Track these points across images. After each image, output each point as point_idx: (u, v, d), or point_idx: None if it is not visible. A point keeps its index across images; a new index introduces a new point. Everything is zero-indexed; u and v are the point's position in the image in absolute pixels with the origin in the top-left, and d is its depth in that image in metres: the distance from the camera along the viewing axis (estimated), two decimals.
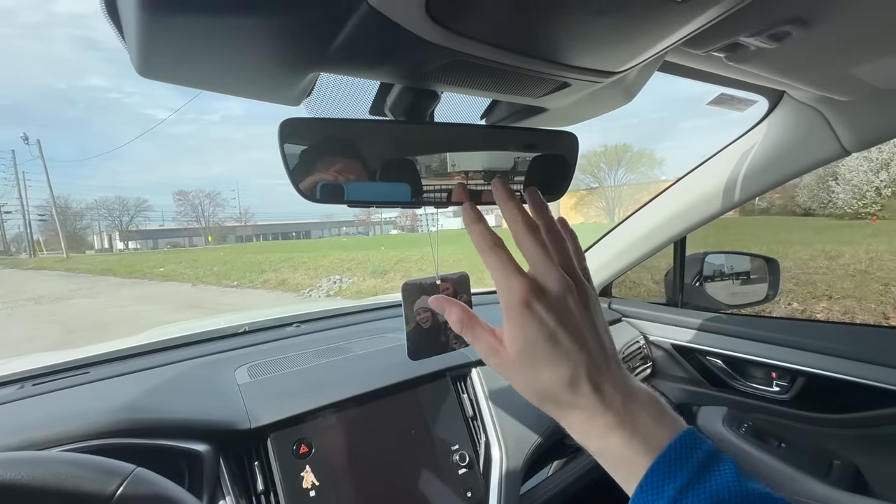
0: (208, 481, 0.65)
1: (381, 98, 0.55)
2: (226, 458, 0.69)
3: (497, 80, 0.47)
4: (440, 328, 0.59)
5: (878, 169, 12.47)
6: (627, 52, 0.42)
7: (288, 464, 0.71)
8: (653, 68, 0.58)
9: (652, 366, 1.35)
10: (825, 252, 7.33)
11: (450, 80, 0.46)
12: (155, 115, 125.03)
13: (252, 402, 0.76)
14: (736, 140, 1.03)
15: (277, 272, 13.87)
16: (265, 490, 0.70)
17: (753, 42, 0.48)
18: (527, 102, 0.56)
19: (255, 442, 0.72)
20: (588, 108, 0.63)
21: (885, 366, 0.93)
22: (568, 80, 0.46)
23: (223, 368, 0.90)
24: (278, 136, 0.46)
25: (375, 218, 61.72)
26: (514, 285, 0.35)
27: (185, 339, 1.05)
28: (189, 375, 0.87)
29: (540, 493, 0.98)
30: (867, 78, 0.63)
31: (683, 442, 0.32)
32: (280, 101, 0.49)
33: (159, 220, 62.14)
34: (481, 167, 0.56)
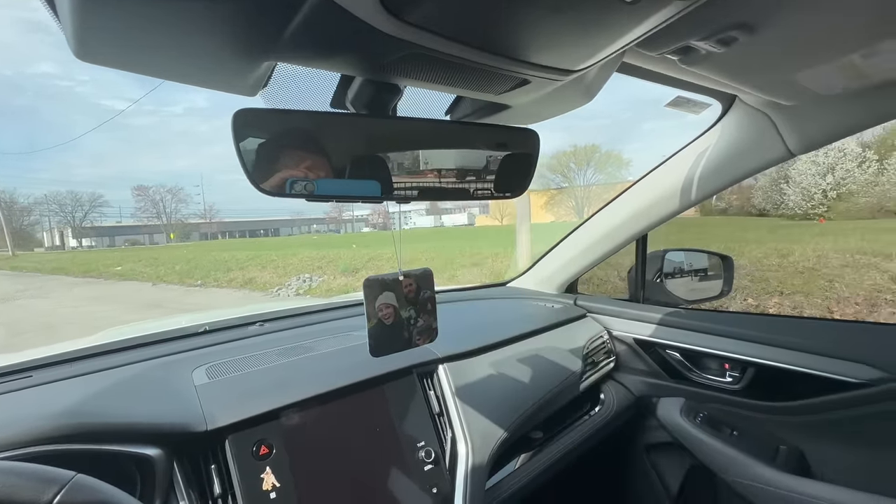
0: (160, 487, 0.62)
1: (342, 91, 0.54)
2: (180, 462, 0.66)
3: (457, 75, 0.47)
4: (403, 324, 0.59)
5: (824, 173, 13.30)
6: (584, 50, 0.43)
7: (247, 466, 0.69)
8: (611, 69, 0.60)
9: (615, 360, 1.39)
10: (777, 250, 7.75)
11: (410, 73, 0.45)
12: (111, 105, 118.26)
13: (209, 404, 0.73)
14: (692, 142, 1.07)
15: (244, 271, 13.46)
16: (223, 494, 0.67)
17: (703, 46, 0.50)
18: (489, 99, 0.57)
19: (211, 444, 0.70)
20: (550, 107, 0.64)
21: (827, 356, 1.00)
22: (528, 77, 0.47)
23: (179, 369, 0.86)
24: (232, 127, 0.45)
25: (347, 216, 60.87)
26: None
27: (139, 339, 1.00)
28: (141, 377, 0.83)
29: (505, 486, 1.00)
30: (809, 84, 0.66)
31: None
32: (235, 90, 0.48)
33: (116, 217, 59.11)
34: (454, 166, 0.56)
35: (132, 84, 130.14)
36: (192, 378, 0.82)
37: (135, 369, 0.86)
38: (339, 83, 0.53)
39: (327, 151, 0.50)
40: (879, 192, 12.80)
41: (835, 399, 0.98)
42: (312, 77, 0.51)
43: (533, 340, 1.21)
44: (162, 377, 0.83)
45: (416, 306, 0.60)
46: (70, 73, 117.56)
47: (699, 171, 1.05)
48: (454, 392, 0.95)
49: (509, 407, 1.01)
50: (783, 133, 0.87)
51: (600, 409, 1.31)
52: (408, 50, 0.38)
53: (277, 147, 0.48)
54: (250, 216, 64.35)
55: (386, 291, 0.58)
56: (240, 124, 0.45)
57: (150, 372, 0.86)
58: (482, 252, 10.82)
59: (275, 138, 0.47)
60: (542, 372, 1.14)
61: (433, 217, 59.45)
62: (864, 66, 0.61)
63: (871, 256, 6.84)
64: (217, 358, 0.92)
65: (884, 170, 12.95)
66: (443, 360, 0.98)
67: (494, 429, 0.96)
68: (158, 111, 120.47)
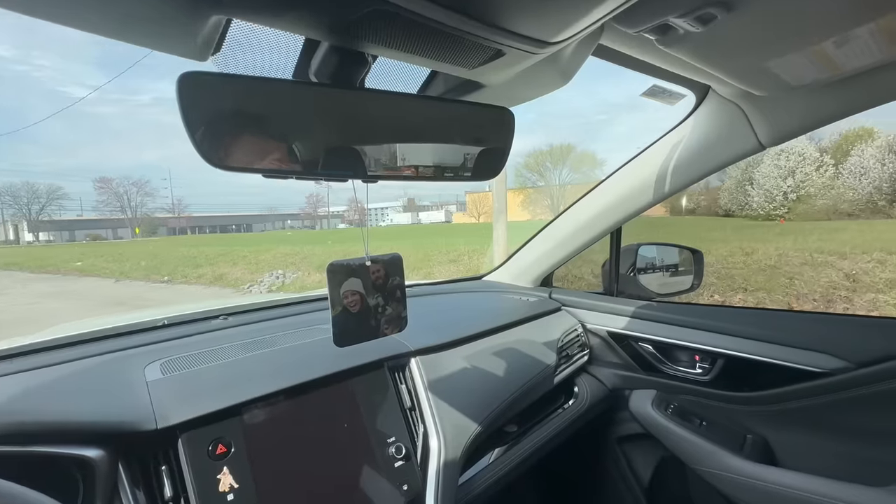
0: (103, 491, 0.57)
1: (304, 60, 0.50)
2: (126, 463, 0.61)
3: (429, 43, 0.44)
4: (370, 312, 0.56)
5: (785, 175, 13.94)
6: (560, 19, 0.41)
7: (202, 466, 0.65)
8: (588, 48, 0.58)
9: (589, 353, 1.39)
10: (742, 249, 8.06)
11: (377, 38, 0.42)
12: (72, 92, 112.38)
13: (161, 400, 0.68)
14: (666, 134, 1.07)
15: (214, 267, 13.04)
16: (174, 496, 0.63)
17: (682, 24, 0.48)
18: (462, 75, 0.54)
19: (162, 444, 0.65)
20: (526, 88, 0.62)
21: (792, 346, 1.02)
22: (502, 48, 0.44)
23: (131, 365, 0.80)
24: (177, 92, 0.40)
25: (322, 211, 59.91)
26: None
27: (90, 335, 0.93)
28: (87, 374, 0.77)
29: (479, 481, 0.98)
30: (781, 73, 0.66)
31: None
32: (181, 52, 0.43)
33: (77, 210, 56.36)
34: (425, 144, 0.53)
35: (95, 71, 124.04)
36: (145, 374, 0.76)
37: (81, 365, 0.80)
38: (301, 50, 0.49)
39: (288, 124, 0.46)
40: (835, 194, 13.51)
41: (798, 388, 1.00)
42: (271, 42, 0.47)
43: (507, 333, 1.20)
44: (110, 373, 0.77)
45: (384, 294, 0.57)
46: (27, 56, 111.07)
47: (672, 163, 1.05)
48: (427, 386, 0.92)
49: (483, 401, 0.99)
50: (754, 125, 0.88)
51: (574, 402, 1.31)
52: (372, 5, 0.35)
53: (231, 117, 0.44)
54: (221, 211, 62.53)
55: (352, 278, 0.54)
56: (187, 89, 0.40)
57: (98, 368, 0.80)
58: (459, 249, 10.83)
59: (228, 107, 0.43)
60: (516, 365, 1.12)
61: (410, 214, 59.25)
62: (835, 55, 0.61)
63: (827, 255, 7.20)
64: (174, 353, 0.86)
65: (839, 174, 13.67)
66: (415, 353, 0.95)
67: (468, 423, 0.93)
68: (124, 100, 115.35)
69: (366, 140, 0.50)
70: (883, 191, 12.63)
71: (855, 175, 13.12)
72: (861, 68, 0.66)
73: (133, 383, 0.73)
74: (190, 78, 0.40)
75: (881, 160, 12.71)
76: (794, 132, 0.86)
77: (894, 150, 12.68)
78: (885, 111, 4.49)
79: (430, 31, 0.41)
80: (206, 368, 0.79)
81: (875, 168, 12.73)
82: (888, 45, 0.60)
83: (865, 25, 0.53)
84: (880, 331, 0.95)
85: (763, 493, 1.00)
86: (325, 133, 0.48)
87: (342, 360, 0.84)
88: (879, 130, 13.68)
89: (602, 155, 44.96)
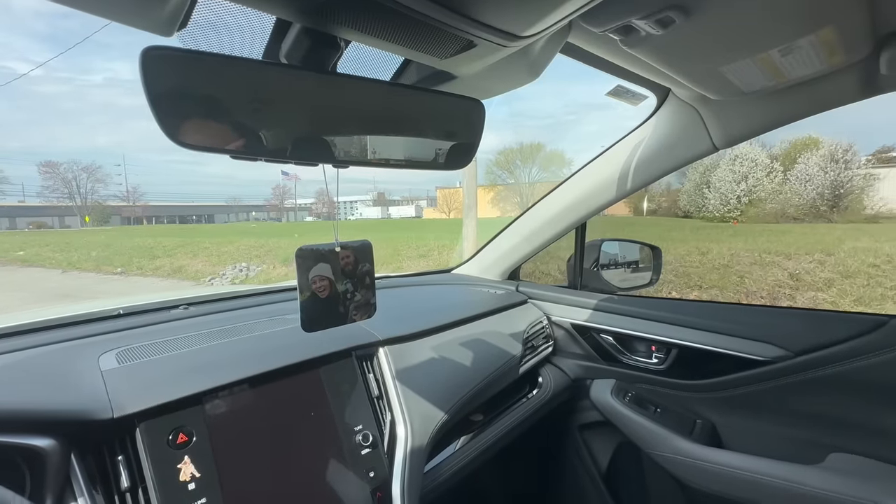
0: (53, 482, 0.55)
1: (275, 42, 0.50)
2: (80, 453, 0.59)
3: (402, 31, 0.44)
4: (339, 298, 0.56)
5: (739, 180, 14.72)
6: (531, 14, 0.42)
7: (161, 456, 0.63)
8: (556, 45, 0.60)
9: (553, 344, 1.44)
10: (698, 248, 8.46)
11: (350, 21, 0.42)
12: (15, 68, 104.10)
13: (117, 390, 0.66)
14: (628, 134, 1.12)
15: (173, 258, 12.47)
16: (132, 487, 0.61)
17: (644, 26, 0.51)
18: (434, 65, 0.55)
19: (119, 433, 0.62)
20: (496, 82, 0.64)
21: (739, 337, 1.09)
22: (473, 39, 0.46)
23: (84, 354, 0.77)
24: (140, 65, 0.39)
25: (289, 204, 58.35)
26: None
27: (36, 324, 0.88)
28: (34, 363, 0.73)
29: (445, 468, 1.00)
30: (733, 78, 0.71)
31: None
32: (144, 25, 0.42)
33: (19, 196, 52.42)
34: (396, 131, 0.53)
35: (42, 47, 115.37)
36: (99, 363, 0.73)
37: (26, 354, 0.76)
38: (272, 31, 0.48)
39: (256, 105, 0.46)
40: (783, 199, 14.39)
41: (743, 376, 1.08)
42: (240, 21, 0.47)
43: (475, 325, 1.22)
44: (61, 362, 0.74)
45: (353, 280, 0.57)
46: None
47: (634, 162, 1.10)
48: (394, 375, 0.93)
49: (450, 390, 1.01)
50: (709, 127, 0.93)
51: (538, 391, 1.35)
52: None
53: (197, 94, 0.43)
54: (181, 200, 59.80)
55: (321, 263, 0.54)
56: (151, 63, 0.39)
57: (48, 357, 0.76)
58: (429, 244, 10.83)
59: (194, 84, 0.42)
60: (483, 355, 1.15)
61: (380, 208, 58.59)
62: (780, 64, 0.66)
63: (774, 255, 7.68)
64: (131, 342, 0.83)
65: (787, 180, 14.57)
66: (383, 343, 0.95)
67: (435, 411, 0.95)
68: (73, 79, 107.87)
69: (337, 124, 0.50)
70: (825, 197, 13.57)
71: (801, 181, 14.02)
72: (804, 77, 0.72)
73: (86, 372, 0.70)
74: (154, 52, 0.39)
75: (824, 168, 13.64)
76: (745, 135, 0.92)
77: (835, 160, 13.63)
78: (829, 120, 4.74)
79: (404, 18, 0.41)
80: (165, 357, 0.77)
81: (818, 176, 13.64)
82: (827, 57, 0.65)
83: (806, 37, 0.58)
84: (816, 321, 1.03)
85: (711, 473, 1.07)
86: (295, 116, 0.47)
87: (309, 349, 0.84)
88: (823, 140, 14.66)
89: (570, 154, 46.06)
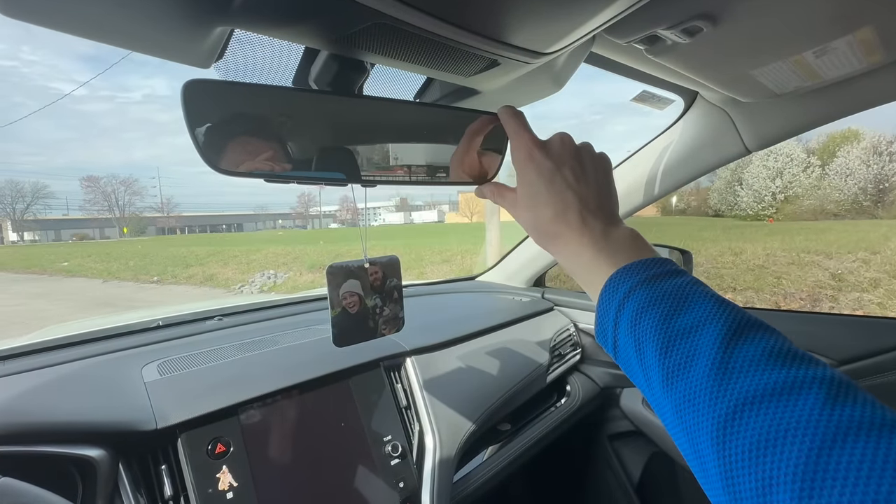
0: (104, 490, 0.58)
1: (304, 67, 0.52)
2: (127, 462, 0.62)
3: (426, 53, 0.45)
4: (368, 313, 0.57)
5: (774, 176, 14.15)
6: (554, 32, 0.42)
7: (201, 465, 0.65)
8: (580, 57, 0.60)
9: (581, 352, 1.42)
10: (731, 249, 8.17)
11: (376, 48, 0.43)
12: (62, 89, 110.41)
13: (160, 401, 0.69)
14: (656, 138, 1.10)
15: (204, 267, 12.92)
16: (174, 496, 0.63)
17: (669, 35, 0.50)
18: (458, 82, 0.55)
19: (161, 443, 0.65)
20: (520, 94, 0.64)
21: None
22: (497, 59, 0.46)
23: (128, 366, 0.81)
24: (182, 99, 0.41)
25: (314, 211, 59.57)
26: (523, 139, 0.41)
27: (83, 336, 0.93)
28: (83, 375, 0.77)
29: (473, 479, 0.99)
30: (764, 81, 0.69)
31: (648, 261, 0.34)
32: (186, 60, 0.44)
33: (63, 209, 55.48)
34: (424, 161, 0.54)
35: (85, 67, 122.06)
36: (142, 374, 0.77)
37: (76, 366, 0.80)
38: (301, 58, 0.50)
39: (288, 130, 0.47)
40: (821, 195, 13.75)
41: None
42: (273, 50, 0.48)
43: (501, 333, 1.21)
44: (107, 374, 0.78)
45: (381, 295, 0.58)
46: (14, 51, 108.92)
47: (662, 166, 1.08)
48: (422, 385, 0.94)
49: (477, 399, 1.01)
50: (740, 130, 0.90)
51: (566, 400, 1.33)
52: (374, 20, 0.36)
53: (234, 122, 0.45)
54: (211, 210, 61.96)
55: (350, 279, 0.56)
56: (191, 96, 0.41)
57: (94, 369, 0.80)
58: (452, 249, 10.86)
59: (231, 112, 0.44)
60: (509, 364, 1.14)
61: (403, 214, 59.08)
62: (815, 65, 0.64)
63: (813, 255, 7.33)
64: (170, 354, 0.87)
65: (825, 174, 13.91)
66: (410, 353, 0.96)
67: (462, 421, 0.95)
68: (114, 97, 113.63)
69: (364, 145, 0.51)
70: (867, 191, 12.89)
71: (840, 176, 13.36)
72: (840, 77, 0.69)
73: (131, 384, 0.73)
74: (194, 86, 0.41)
75: (866, 161, 12.96)
76: (779, 137, 0.89)
77: (878, 152, 12.93)
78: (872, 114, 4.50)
79: (428, 42, 0.42)
80: (203, 369, 0.80)
81: (860, 169, 12.98)
82: (865, 56, 0.62)
83: (843, 38, 0.56)
84: (861, 328, 0.98)
85: None
86: (324, 139, 0.49)
87: (339, 360, 0.85)
88: (864, 132, 13.94)
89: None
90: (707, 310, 0.29)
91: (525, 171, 0.41)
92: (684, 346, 0.28)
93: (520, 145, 0.41)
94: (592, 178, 0.41)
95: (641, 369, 0.31)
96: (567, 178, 0.39)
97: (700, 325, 0.29)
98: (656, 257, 0.35)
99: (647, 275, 0.33)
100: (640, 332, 0.31)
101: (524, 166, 0.41)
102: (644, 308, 0.31)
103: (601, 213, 0.39)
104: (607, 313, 0.34)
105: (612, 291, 0.34)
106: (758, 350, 0.27)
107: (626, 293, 0.33)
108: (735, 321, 0.28)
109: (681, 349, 0.28)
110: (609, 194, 0.42)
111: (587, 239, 0.37)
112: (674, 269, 0.34)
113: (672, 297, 0.31)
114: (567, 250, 0.39)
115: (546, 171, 0.39)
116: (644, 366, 0.30)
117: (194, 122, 0.42)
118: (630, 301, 0.32)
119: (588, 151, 0.43)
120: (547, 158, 0.40)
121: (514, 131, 0.43)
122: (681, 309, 0.30)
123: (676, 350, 0.28)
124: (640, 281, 0.33)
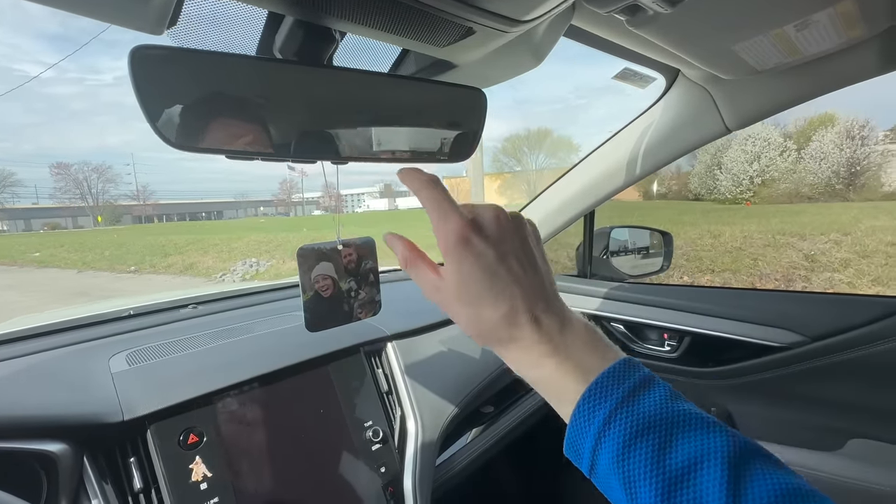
0: (67, 485, 0.55)
1: (268, 35, 0.48)
2: (92, 456, 0.59)
3: (397, 19, 0.42)
4: (342, 297, 0.55)
5: (751, 160, 14.41)
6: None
7: (173, 456, 0.63)
8: (560, 29, 0.58)
9: None
10: (710, 231, 8.34)
11: (343, 12, 0.41)
12: (28, 71, 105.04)
13: (127, 392, 0.66)
14: (637, 118, 1.09)
15: (184, 255, 12.64)
16: (144, 488, 0.61)
17: (651, 4, 0.48)
18: (433, 54, 0.53)
19: (130, 435, 0.63)
20: (498, 69, 0.61)
21: (753, 323, 1.07)
22: (472, 26, 0.44)
23: (95, 357, 0.77)
24: (129, 66, 0.38)
25: (296, 198, 58.62)
26: (452, 222, 0.34)
27: (51, 326, 0.89)
28: (48, 366, 0.74)
29: (456, 461, 1.00)
30: (745, 56, 0.68)
31: (617, 369, 0.32)
32: (133, 24, 0.41)
33: (33, 198, 53.40)
34: (395, 124, 0.52)
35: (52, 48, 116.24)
36: (110, 365, 0.74)
37: (40, 358, 0.76)
38: (264, 25, 0.47)
39: (251, 102, 0.44)
40: (797, 178, 14.08)
41: (759, 362, 1.06)
42: (232, 16, 0.45)
43: None
44: (72, 366, 0.75)
45: (357, 277, 0.56)
46: None
47: (643, 146, 1.07)
48: (403, 370, 0.93)
49: (460, 383, 1.00)
50: (721, 108, 0.90)
51: None
52: None
53: (189, 94, 0.41)
54: (190, 198, 60.44)
55: (323, 262, 0.53)
56: (140, 63, 0.38)
57: (59, 361, 0.77)
58: None
59: (186, 83, 0.41)
60: None
61: (387, 200, 58.58)
62: (796, 40, 0.63)
63: (788, 237, 7.54)
64: (141, 343, 0.84)
65: (801, 159, 14.24)
66: (391, 338, 0.95)
67: (445, 405, 0.95)
68: (84, 79, 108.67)
69: (335, 120, 0.49)
70: (840, 175, 13.25)
71: (815, 160, 13.69)
72: (820, 53, 0.68)
73: (97, 375, 0.70)
74: (142, 52, 0.38)
75: (839, 145, 13.29)
76: (758, 115, 0.89)
77: (851, 136, 13.27)
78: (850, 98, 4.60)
79: (398, 7, 0.40)
80: (175, 358, 0.77)
81: (834, 153, 13.31)
82: (846, 30, 0.62)
83: (824, 10, 0.55)
84: (833, 306, 1.00)
85: None
86: (291, 112, 0.46)
87: (317, 346, 0.83)
88: (839, 116, 14.27)
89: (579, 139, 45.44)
90: (699, 440, 0.28)
91: (459, 260, 0.33)
92: (688, 492, 0.27)
93: (450, 228, 0.33)
94: (540, 262, 0.36)
95: (631, 502, 0.29)
96: (513, 269, 0.33)
97: (698, 463, 0.27)
98: (619, 358, 0.33)
99: (622, 391, 0.31)
100: (631, 470, 0.28)
101: (458, 255, 0.33)
102: (631, 441, 0.29)
103: (553, 307, 0.34)
104: (584, 437, 0.31)
105: (587, 414, 0.31)
106: (769, 490, 0.26)
107: (606, 419, 0.30)
108: (730, 452, 0.28)
109: (685, 495, 0.27)
110: (552, 280, 0.37)
111: (546, 346, 0.33)
112: (644, 374, 0.32)
113: (659, 425, 0.29)
114: (525, 360, 0.34)
115: (488, 262, 0.33)
116: (637, 502, 0.29)
117: (144, 92, 0.38)
118: (612, 430, 0.30)
119: (528, 227, 0.37)
120: (487, 246, 0.33)
121: (438, 208, 0.35)
122: (672, 441, 0.28)
123: (681, 496, 0.27)
124: (618, 402, 0.30)
